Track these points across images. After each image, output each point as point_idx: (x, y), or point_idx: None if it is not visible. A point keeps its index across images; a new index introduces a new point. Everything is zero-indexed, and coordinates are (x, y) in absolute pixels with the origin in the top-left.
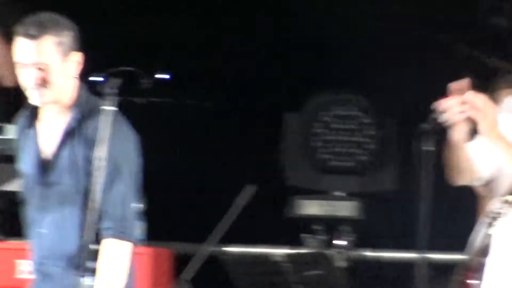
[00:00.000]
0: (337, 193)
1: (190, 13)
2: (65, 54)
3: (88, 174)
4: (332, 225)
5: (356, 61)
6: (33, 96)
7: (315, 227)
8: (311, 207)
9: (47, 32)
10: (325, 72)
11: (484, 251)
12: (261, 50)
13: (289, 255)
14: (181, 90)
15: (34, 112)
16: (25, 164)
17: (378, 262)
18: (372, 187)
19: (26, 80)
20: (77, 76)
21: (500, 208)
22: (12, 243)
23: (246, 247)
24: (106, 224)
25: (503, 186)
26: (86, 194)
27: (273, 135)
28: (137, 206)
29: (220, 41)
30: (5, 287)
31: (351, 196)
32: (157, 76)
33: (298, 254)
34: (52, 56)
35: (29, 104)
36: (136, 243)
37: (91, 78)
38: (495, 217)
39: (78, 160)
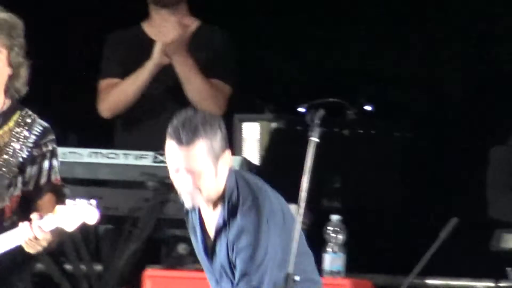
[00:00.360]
0: None
1: (391, 45)
2: (217, 157)
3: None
4: None
5: None
6: (186, 200)
7: None
8: None
9: (199, 138)
10: None
11: None
12: (467, 83)
13: None
14: (383, 121)
15: None
16: (196, 245)
17: None
18: None
19: (179, 184)
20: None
21: None
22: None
23: (448, 280)
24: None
25: None
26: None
27: (475, 168)
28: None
29: (420, 72)
30: None
31: None
32: (363, 107)
33: None
34: (204, 161)
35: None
36: None
37: (298, 109)
38: None
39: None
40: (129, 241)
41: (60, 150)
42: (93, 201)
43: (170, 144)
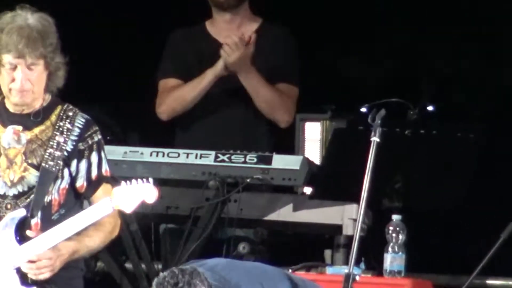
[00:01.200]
0: None
1: (452, 45)
2: None
3: None
4: None
5: None
6: None
7: None
8: None
9: None
10: None
11: None
12: None
13: None
14: (446, 122)
15: None
16: None
17: None
18: None
19: None
20: None
21: None
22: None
23: (509, 280)
24: None
25: None
26: None
27: None
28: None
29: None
30: None
31: None
32: (425, 108)
33: None
34: None
35: None
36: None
37: (360, 109)
38: None
39: None
40: (189, 240)
41: (122, 149)
42: (150, 179)
43: None
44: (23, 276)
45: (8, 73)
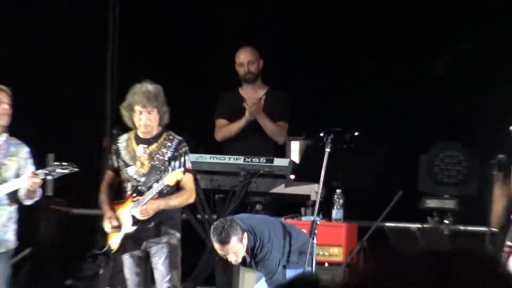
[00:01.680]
0: (446, 196)
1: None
2: (240, 239)
3: None
4: (442, 212)
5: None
6: (234, 261)
7: (434, 213)
8: (432, 203)
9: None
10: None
11: None
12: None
13: (419, 228)
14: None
15: None
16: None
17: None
18: (464, 192)
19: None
20: None
21: None
22: None
23: (400, 223)
24: None
25: None
26: None
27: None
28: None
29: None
30: None
31: (453, 197)
32: (354, 133)
33: (424, 227)
34: (237, 246)
35: None
36: None
37: (320, 134)
38: None
39: None
40: (230, 203)
41: (195, 155)
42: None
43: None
44: (134, 219)
45: (138, 116)
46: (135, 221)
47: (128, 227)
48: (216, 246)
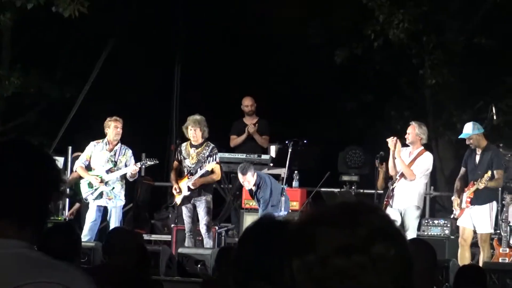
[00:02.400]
0: (352, 174)
1: None
2: (252, 174)
3: None
4: (351, 183)
5: None
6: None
7: (346, 183)
8: (345, 178)
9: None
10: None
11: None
12: None
13: (338, 191)
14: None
15: None
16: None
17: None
18: (362, 172)
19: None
20: None
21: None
22: None
23: (327, 189)
24: None
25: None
26: None
27: None
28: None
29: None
30: None
31: (356, 175)
32: (303, 140)
33: (341, 191)
34: (250, 178)
35: None
36: None
37: (286, 142)
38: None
39: None
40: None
41: (220, 154)
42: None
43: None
44: (188, 188)
45: (190, 132)
46: (189, 189)
47: (185, 192)
48: (239, 176)
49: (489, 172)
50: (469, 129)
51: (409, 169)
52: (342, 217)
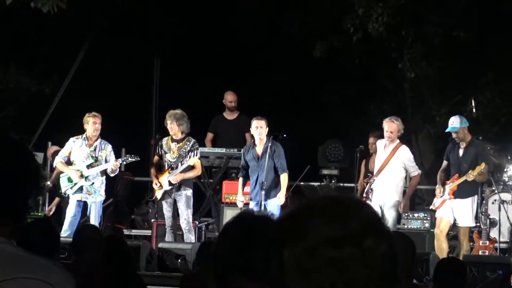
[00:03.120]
0: (332, 168)
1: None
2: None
3: None
4: (331, 177)
5: None
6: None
7: (326, 177)
8: (325, 171)
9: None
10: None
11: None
12: None
13: (319, 185)
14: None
15: None
16: (249, 158)
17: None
18: (342, 166)
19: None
20: None
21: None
22: None
23: (308, 183)
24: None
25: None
26: None
27: None
28: None
29: None
30: None
31: (336, 169)
32: (283, 135)
33: (321, 185)
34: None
35: None
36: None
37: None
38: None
39: None
40: (218, 173)
41: (201, 148)
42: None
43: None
44: (169, 182)
45: (169, 126)
46: (170, 184)
47: (166, 186)
48: (254, 122)
49: (483, 165)
50: (457, 123)
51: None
52: (334, 210)
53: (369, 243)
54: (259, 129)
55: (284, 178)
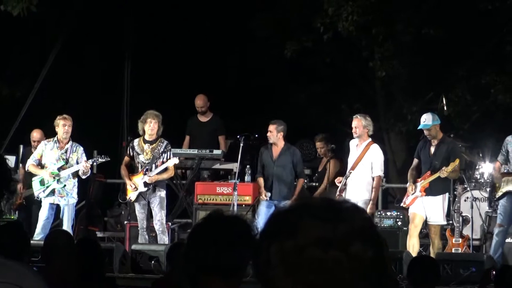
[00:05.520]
0: (304, 167)
1: None
2: (283, 135)
3: None
4: None
5: None
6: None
7: None
8: None
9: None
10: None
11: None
12: None
13: None
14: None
15: None
16: (267, 158)
17: None
18: (313, 165)
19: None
20: None
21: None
22: None
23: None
24: None
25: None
26: None
27: None
28: None
29: None
30: None
31: (308, 168)
32: (256, 135)
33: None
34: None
35: None
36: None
37: (237, 136)
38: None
39: None
40: (191, 173)
41: (174, 149)
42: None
43: None
44: (145, 184)
45: (149, 125)
46: (146, 185)
47: (142, 188)
48: (270, 126)
49: (457, 161)
50: (429, 120)
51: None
52: (327, 211)
53: (356, 248)
54: (268, 133)
55: (300, 183)
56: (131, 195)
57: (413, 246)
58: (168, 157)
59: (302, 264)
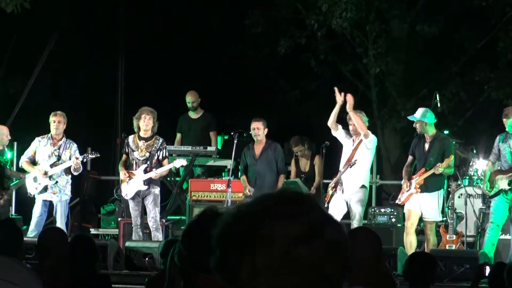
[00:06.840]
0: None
1: None
2: (265, 135)
3: None
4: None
5: None
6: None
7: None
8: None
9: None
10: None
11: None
12: None
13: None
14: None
15: None
16: (249, 158)
17: None
18: None
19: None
20: None
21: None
22: None
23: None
24: None
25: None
26: None
27: None
28: None
29: None
30: None
31: None
32: (250, 132)
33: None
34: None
35: None
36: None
37: (231, 133)
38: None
39: None
40: (185, 170)
41: (169, 147)
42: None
43: None
44: (143, 181)
45: (143, 121)
46: (144, 183)
47: (142, 186)
48: (255, 123)
49: (452, 157)
50: (418, 114)
51: (361, 121)
52: (287, 209)
53: (330, 232)
54: (255, 130)
55: (280, 180)
56: (126, 189)
57: (410, 243)
58: (164, 155)
59: (287, 266)
